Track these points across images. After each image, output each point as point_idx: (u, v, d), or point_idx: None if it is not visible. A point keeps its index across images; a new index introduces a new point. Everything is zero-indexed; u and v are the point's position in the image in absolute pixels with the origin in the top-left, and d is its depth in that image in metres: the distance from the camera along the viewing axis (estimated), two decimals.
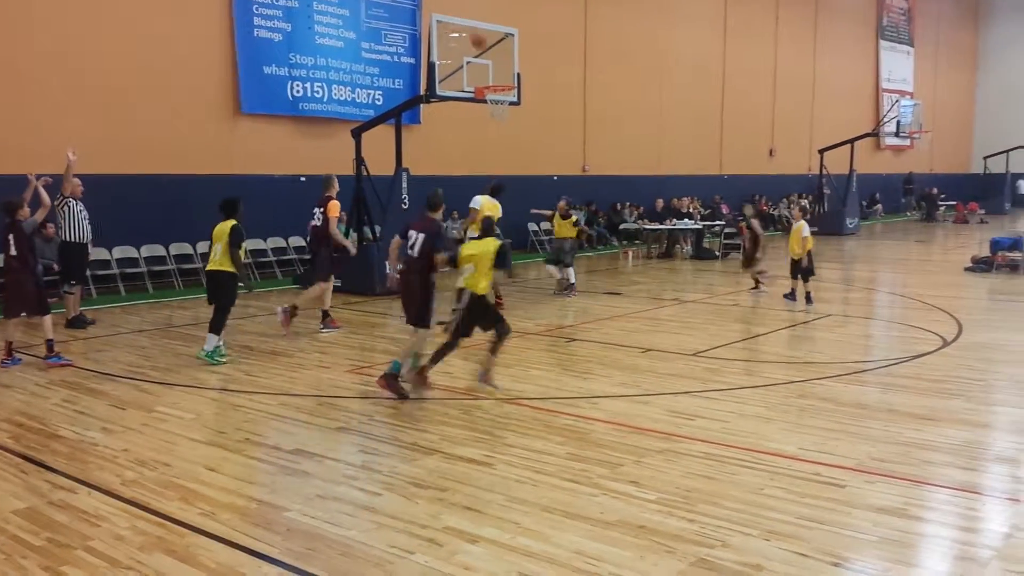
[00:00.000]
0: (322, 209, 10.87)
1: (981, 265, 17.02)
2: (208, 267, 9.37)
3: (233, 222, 9.20)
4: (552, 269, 14.27)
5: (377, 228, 14.26)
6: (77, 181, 10.99)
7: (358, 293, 13.75)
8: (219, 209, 9.39)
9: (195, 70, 15.41)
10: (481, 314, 7.89)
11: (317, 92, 17.16)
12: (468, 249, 7.91)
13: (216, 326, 9.16)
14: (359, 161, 14.33)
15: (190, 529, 4.80)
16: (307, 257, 16.80)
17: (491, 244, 7.80)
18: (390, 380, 7.65)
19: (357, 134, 14.49)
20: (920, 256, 22.31)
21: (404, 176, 14.24)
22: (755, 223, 13.88)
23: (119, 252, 14.51)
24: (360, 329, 11.23)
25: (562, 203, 14.27)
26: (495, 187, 12.18)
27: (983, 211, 32.37)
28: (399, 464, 5.98)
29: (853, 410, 7.25)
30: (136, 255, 14.72)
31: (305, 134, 17.10)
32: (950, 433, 6.58)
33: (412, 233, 7.83)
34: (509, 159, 20.13)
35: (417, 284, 7.77)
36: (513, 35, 14.01)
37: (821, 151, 26.97)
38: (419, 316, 7.81)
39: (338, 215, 11.03)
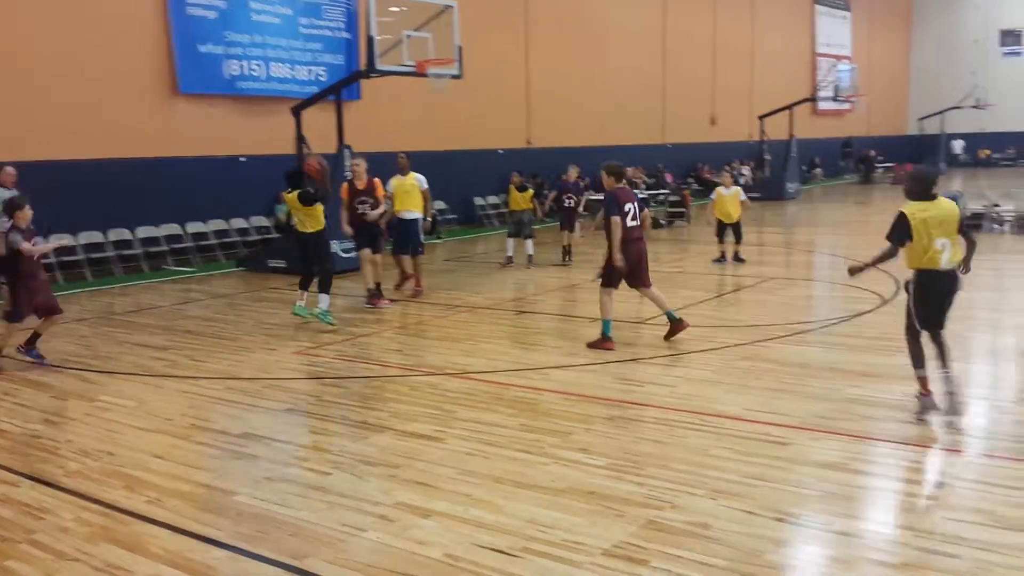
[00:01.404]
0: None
1: None
2: (301, 231, 10.00)
3: (298, 191, 9.81)
4: (512, 242, 14.29)
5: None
6: (11, 170, 10.63)
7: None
8: (286, 180, 10.19)
9: (130, 51, 14.98)
10: None
11: (255, 70, 16.81)
12: None
13: (325, 285, 9.72)
14: (300, 139, 14.12)
15: (136, 517, 4.74)
16: (256, 239, 16.61)
17: None
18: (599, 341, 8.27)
19: (296, 112, 14.25)
20: (859, 218, 22.76)
21: (347, 153, 14.06)
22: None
23: (57, 240, 14.07)
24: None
25: (516, 177, 14.36)
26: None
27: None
28: (349, 443, 5.96)
29: (796, 370, 7.41)
30: (75, 243, 14.35)
31: (244, 113, 16.77)
32: (890, 388, 6.74)
33: (628, 205, 8.23)
34: (454, 134, 20.02)
35: (645, 247, 8.47)
36: (452, 7, 13.88)
37: (760, 117, 27.30)
38: (647, 276, 8.49)
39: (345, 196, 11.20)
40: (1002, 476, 5.01)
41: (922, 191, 5.95)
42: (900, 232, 5.89)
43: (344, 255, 13.21)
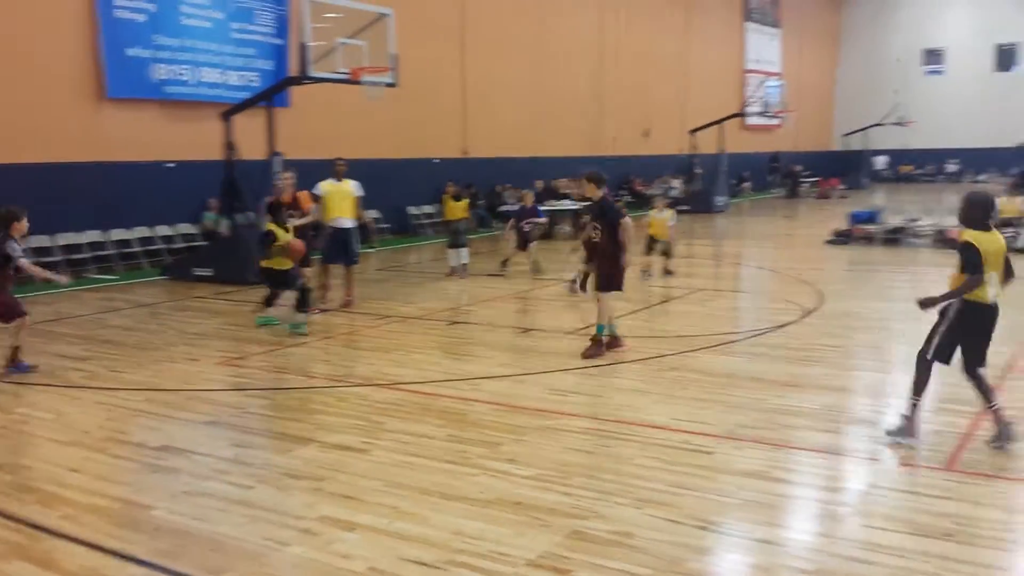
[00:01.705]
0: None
1: (841, 238, 17.93)
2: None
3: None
4: (453, 252, 14.23)
5: (250, 215, 13.86)
6: None
7: (230, 282, 13.32)
8: (267, 209, 10.31)
9: (57, 54, 14.55)
10: None
11: (183, 75, 16.48)
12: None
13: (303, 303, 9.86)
14: (229, 145, 13.87)
15: (50, 533, 4.57)
16: (182, 246, 16.24)
17: None
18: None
19: (227, 118, 14.02)
20: (785, 231, 23.32)
21: (277, 160, 13.86)
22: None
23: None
24: (233, 319, 10.89)
25: (452, 187, 14.38)
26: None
27: (843, 186, 34.12)
28: (272, 456, 5.86)
29: (722, 380, 7.54)
30: None
31: (173, 118, 16.41)
32: (811, 398, 6.91)
33: None
34: (388, 142, 19.91)
35: None
36: (389, 15, 13.82)
37: (692, 131, 27.83)
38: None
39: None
40: (918, 484, 5.16)
41: (982, 218, 5.66)
42: (977, 261, 5.48)
43: None
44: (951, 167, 41.03)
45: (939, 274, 14.27)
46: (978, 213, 5.67)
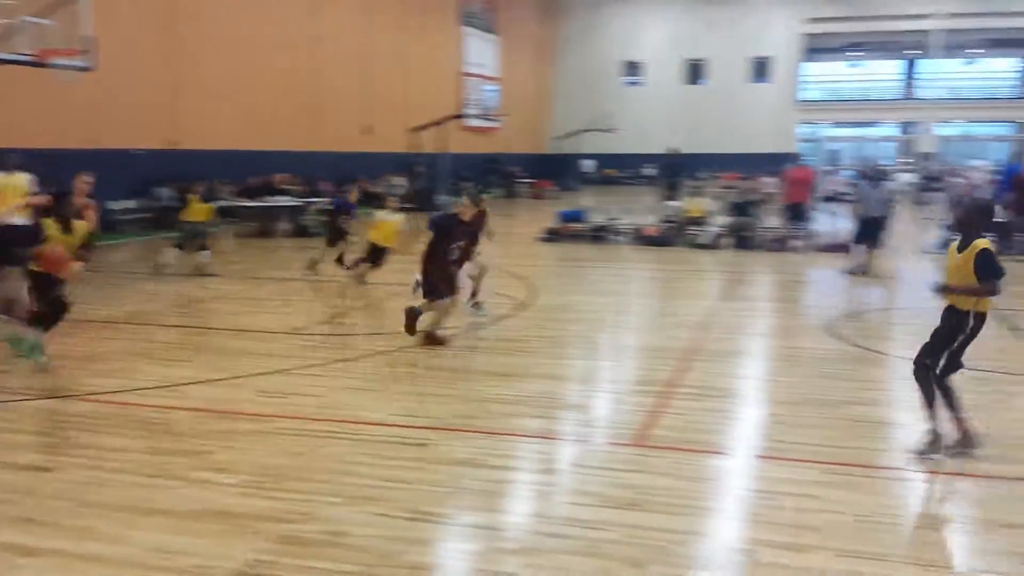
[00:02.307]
0: None
1: (551, 236, 19.01)
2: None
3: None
4: (173, 252, 13.26)
5: None
6: None
7: None
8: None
9: None
10: None
11: None
12: None
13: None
14: None
15: None
16: None
17: None
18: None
19: None
20: (503, 229, 24.23)
21: None
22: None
23: None
24: None
25: (197, 187, 13.44)
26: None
27: (556, 188, 36.25)
28: None
29: (439, 373, 7.71)
30: None
31: None
32: (525, 387, 7.25)
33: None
34: (84, 130, 18.20)
35: None
36: None
37: (412, 130, 28.24)
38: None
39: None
40: (615, 460, 5.59)
41: (988, 224, 5.63)
42: (999, 268, 5.38)
43: None
44: (649, 171, 44.89)
45: (638, 269, 15.66)
46: (985, 219, 5.63)
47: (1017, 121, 43.53)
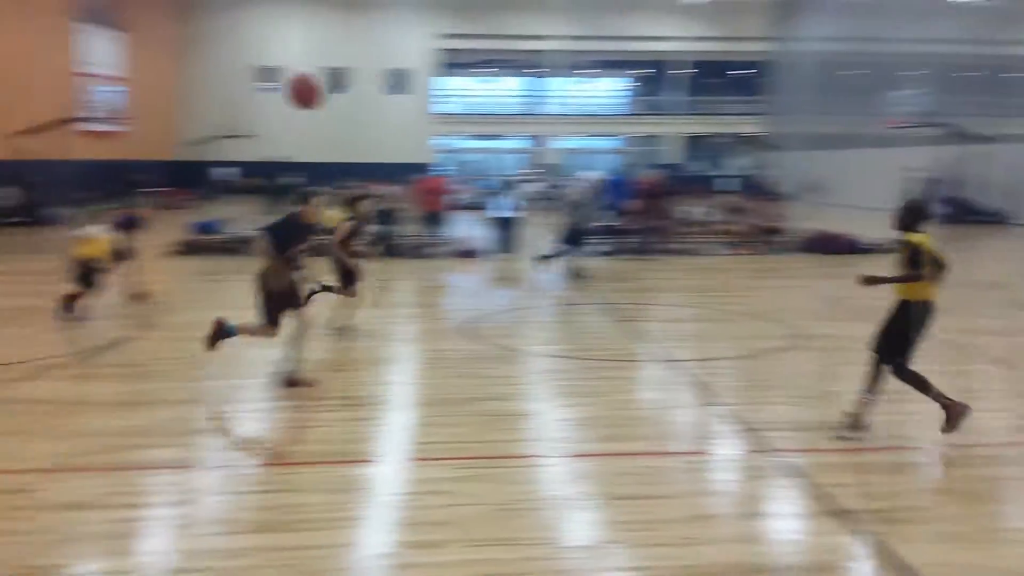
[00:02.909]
0: None
1: (185, 248, 17.89)
2: None
3: None
4: None
5: None
6: None
7: None
8: None
9: None
10: None
11: None
12: None
13: None
14: None
15: None
16: None
17: None
18: None
19: None
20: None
21: None
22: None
23: None
24: None
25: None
26: None
27: (192, 197, 34.20)
28: None
29: (45, 407, 6.84)
30: None
31: None
32: (155, 415, 6.68)
33: None
34: None
35: None
36: None
37: (12, 136, 25.18)
38: None
39: None
40: (257, 482, 5.36)
41: (922, 222, 6.02)
42: (920, 263, 5.88)
43: None
44: (295, 179, 43.97)
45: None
46: (918, 217, 6.05)
47: (626, 135, 49.21)
